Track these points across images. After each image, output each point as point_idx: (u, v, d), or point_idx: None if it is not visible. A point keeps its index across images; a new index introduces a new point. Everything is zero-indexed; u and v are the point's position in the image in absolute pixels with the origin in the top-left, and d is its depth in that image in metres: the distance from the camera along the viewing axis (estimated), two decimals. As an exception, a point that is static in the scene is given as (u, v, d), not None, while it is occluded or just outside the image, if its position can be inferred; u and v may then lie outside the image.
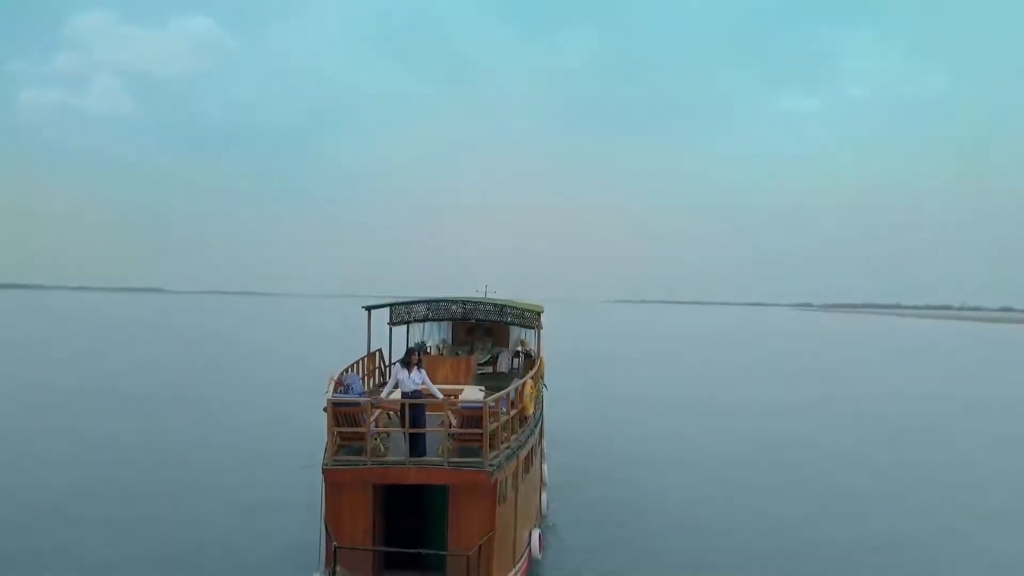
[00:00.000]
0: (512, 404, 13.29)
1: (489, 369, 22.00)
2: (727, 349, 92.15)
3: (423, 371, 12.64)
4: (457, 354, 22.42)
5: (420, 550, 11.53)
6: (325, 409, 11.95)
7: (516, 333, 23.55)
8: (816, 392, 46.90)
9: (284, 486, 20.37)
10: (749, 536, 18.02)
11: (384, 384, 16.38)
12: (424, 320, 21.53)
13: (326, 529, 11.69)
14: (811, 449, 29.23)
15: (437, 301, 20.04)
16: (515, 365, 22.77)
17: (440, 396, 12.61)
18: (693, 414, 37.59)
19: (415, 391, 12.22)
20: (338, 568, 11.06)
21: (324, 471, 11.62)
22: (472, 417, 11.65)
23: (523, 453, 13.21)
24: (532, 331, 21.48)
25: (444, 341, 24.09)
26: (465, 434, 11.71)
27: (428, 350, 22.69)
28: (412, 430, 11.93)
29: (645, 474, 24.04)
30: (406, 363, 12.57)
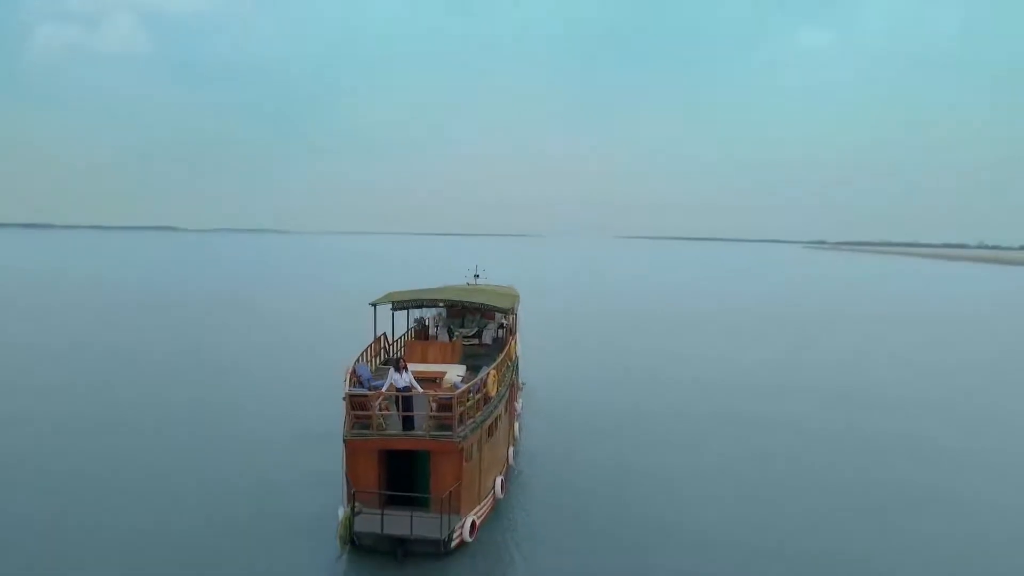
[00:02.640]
0: (479, 390, 18.29)
1: (476, 341, 27.14)
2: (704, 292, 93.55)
3: (409, 372, 17.83)
4: (450, 328, 27.55)
5: (411, 493, 16.90)
6: (344, 398, 17.03)
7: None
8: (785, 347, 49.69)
9: (309, 448, 23.50)
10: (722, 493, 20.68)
11: (388, 363, 22.13)
12: (420, 307, 26.70)
13: (346, 479, 16.90)
14: (775, 417, 29.58)
15: (429, 296, 25.21)
16: (498, 335, 27.87)
17: (420, 390, 17.65)
18: (671, 362, 40.75)
19: (404, 386, 17.40)
20: (356, 503, 16.29)
21: (345, 441, 16.79)
22: (445, 404, 16.74)
23: (487, 423, 18.26)
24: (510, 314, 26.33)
25: (440, 314, 29.18)
26: (440, 415, 16.80)
27: (427, 322, 27.84)
28: (404, 413, 17.12)
29: (609, 426, 27.68)
30: (397, 367, 17.75)
